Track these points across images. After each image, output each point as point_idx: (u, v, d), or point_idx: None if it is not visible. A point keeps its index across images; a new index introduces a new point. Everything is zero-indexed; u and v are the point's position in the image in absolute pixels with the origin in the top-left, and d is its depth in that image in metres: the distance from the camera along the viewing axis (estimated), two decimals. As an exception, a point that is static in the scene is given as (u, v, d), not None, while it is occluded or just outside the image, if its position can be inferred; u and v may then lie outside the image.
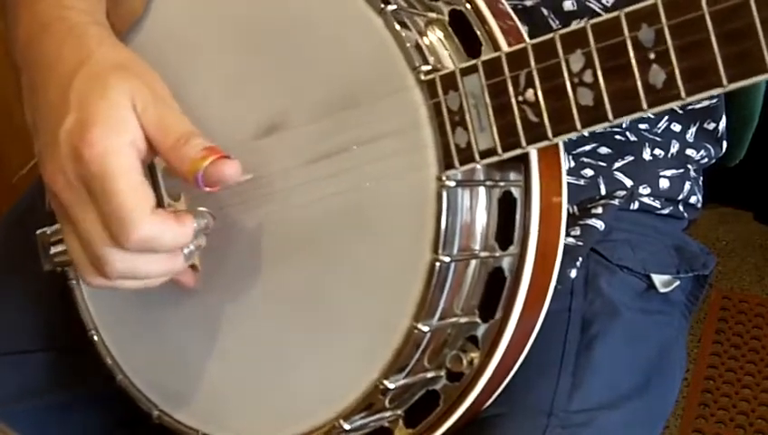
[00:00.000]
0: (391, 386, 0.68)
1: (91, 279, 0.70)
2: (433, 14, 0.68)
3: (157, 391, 0.80)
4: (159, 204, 0.74)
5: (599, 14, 0.59)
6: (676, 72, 0.56)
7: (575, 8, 0.80)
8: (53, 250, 0.81)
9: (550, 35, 0.60)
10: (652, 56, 0.56)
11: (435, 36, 0.68)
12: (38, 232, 0.82)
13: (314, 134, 0.69)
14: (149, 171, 0.72)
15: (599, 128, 0.59)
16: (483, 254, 0.67)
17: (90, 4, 0.72)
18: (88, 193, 0.66)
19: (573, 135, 0.60)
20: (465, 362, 0.69)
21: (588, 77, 0.59)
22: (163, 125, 0.67)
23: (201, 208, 0.70)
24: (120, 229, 0.65)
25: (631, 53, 0.57)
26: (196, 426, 0.78)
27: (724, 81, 0.55)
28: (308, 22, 0.69)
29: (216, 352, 0.76)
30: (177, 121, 0.68)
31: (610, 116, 0.58)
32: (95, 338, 0.81)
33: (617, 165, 0.86)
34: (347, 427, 0.69)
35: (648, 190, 0.88)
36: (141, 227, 0.65)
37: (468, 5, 0.67)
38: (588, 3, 0.80)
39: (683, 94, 0.56)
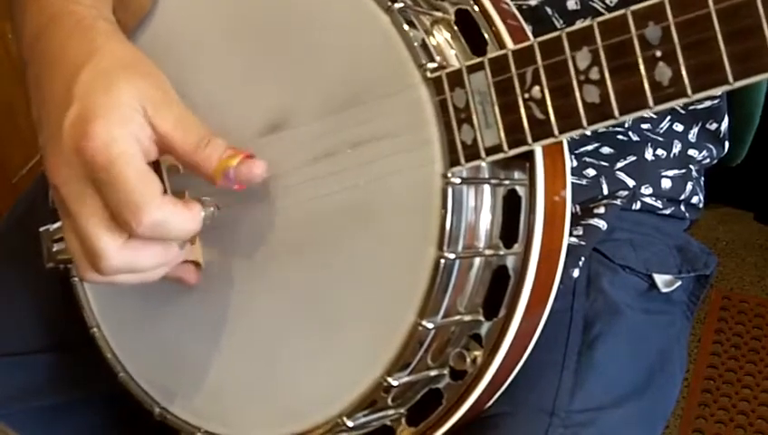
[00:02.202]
0: (395, 383, 0.68)
1: (88, 275, 0.69)
2: (439, 14, 0.68)
3: (158, 389, 0.80)
4: None
5: (602, 14, 0.59)
6: (683, 69, 0.56)
7: (578, 7, 0.80)
8: (56, 247, 0.80)
9: (557, 33, 0.60)
10: (659, 54, 0.56)
11: (441, 35, 0.68)
12: (41, 229, 0.81)
13: (319, 131, 0.69)
14: (154, 168, 0.72)
15: (604, 125, 0.60)
16: (487, 252, 0.67)
17: (97, 0, 0.72)
18: (93, 186, 0.66)
19: (579, 132, 0.61)
20: (468, 360, 0.69)
21: (594, 74, 0.59)
22: (180, 128, 0.67)
23: (206, 198, 0.70)
24: (131, 214, 0.65)
25: (638, 51, 0.57)
26: (198, 424, 0.78)
27: (731, 78, 0.55)
28: (314, 19, 0.70)
29: (218, 349, 0.76)
30: (193, 123, 0.68)
31: (616, 113, 0.59)
32: (96, 335, 0.81)
33: (619, 165, 0.86)
34: (350, 424, 0.69)
35: (650, 190, 0.88)
36: (153, 211, 0.65)
37: (474, 5, 0.67)
38: (591, 2, 0.80)
39: (689, 91, 0.56)
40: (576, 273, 0.83)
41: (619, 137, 0.87)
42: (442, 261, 0.65)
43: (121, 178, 0.65)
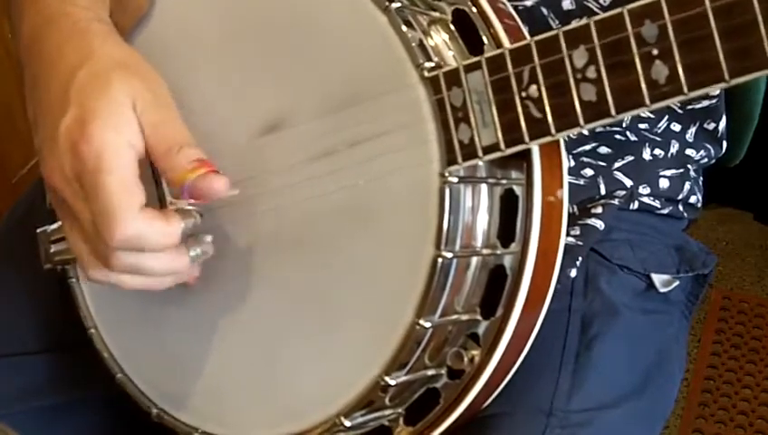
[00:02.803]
0: (392, 382, 0.68)
1: (93, 273, 0.69)
2: (436, 14, 0.68)
3: (156, 390, 0.80)
4: (162, 202, 0.74)
5: (597, 14, 0.59)
6: (679, 67, 0.56)
7: (573, 7, 0.80)
8: (54, 248, 0.81)
9: (553, 32, 0.60)
10: (655, 52, 0.57)
11: (438, 35, 0.68)
12: (38, 230, 0.82)
13: (317, 131, 0.69)
14: (152, 169, 0.72)
15: (601, 123, 0.60)
16: (484, 251, 0.67)
17: (93, 2, 0.72)
18: (80, 188, 0.66)
19: (576, 130, 0.61)
20: (465, 359, 0.69)
21: (591, 73, 0.59)
22: (159, 131, 0.67)
23: (187, 207, 0.69)
24: (105, 226, 0.65)
25: (634, 49, 0.57)
26: (196, 424, 0.78)
27: (727, 75, 0.55)
28: (312, 19, 0.70)
29: (216, 349, 0.76)
30: (174, 128, 0.68)
31: (613, 111, 0.59)
32: (94, 336, 0.81)
33: (617, 165, 0.86)
34: (347, 424, 0.69)
35: (647, 190, 0.88)
36: (126, 226, 0.65)
37: (471, 5, 0.68)
38: (586, 2, 0.80)
39: (685, 89, 0.56)
40: (574, 273, 0.83)
41: (617, 137, 0.87)
42: (439, 260, 0.65)
43: (101, 188, 0.65)
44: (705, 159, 0.92)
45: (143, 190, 0.67)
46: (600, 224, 0.84)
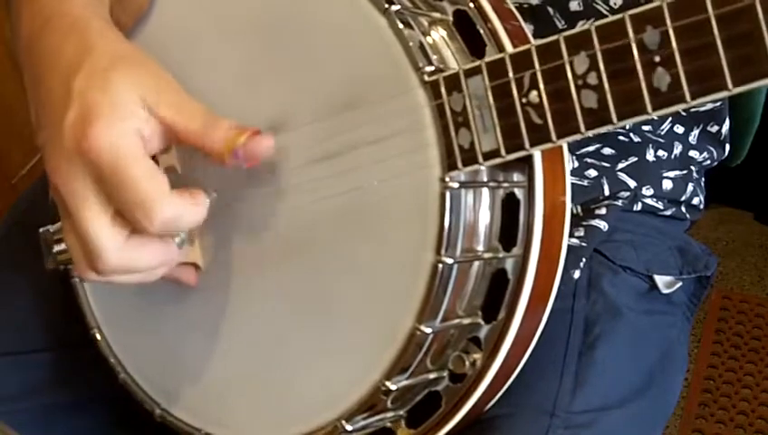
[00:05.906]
0: (393, 387, 0.67)
1: (85, 273, 0.69)
2: (437, 15, 0.68)
3: (159, 390, 0.80)
4: None
5: (605, 16, 0.59)
6: (681, 74, 0.55)
7: (581, 9, 0.80)
8: (56, 248, 0.80)
9: (554, 37, 0.59)
10: (657, 59, 0.56)
11: (439, 37, 0.67)
12: (41, 230, 0.81)
13: (317, 134, 0.69)
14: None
15: (602, 130, 0.59)
16: (486, 255, 0.67)
17: (91, 1, 0.72)
18: (97, 185, 0.66)
19: (577, 137, 0.60)
20: (467, 363, 0.69)
21: (592, 79, 0.58)
22: (186, 109, 0.68)
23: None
24: (144, 214, 0.65)
25: (636, 56, 0.56)
26: (198, 425, 0.78)
27: (729, 84, 0.54)
28: (312, 21, 0.69)
29: (218, 351, 0.76)
30: (197, 104, 0.68)
31: (614, 118, 0.58)
32: (97, 337, 0.81)
33: (620, 166, 0.86)
34: (349, 428, 0.69)
35: (651, 191, 0.88)
36: (165, 209, 0.66)
37: (473, 5, 0.67)
38: (594, 4, 0.79)
39: (688, 97, 0.55)
40: (577, 274, 0.83)
41: (621, 138, 0.87)
42: (440, 266, 0.65)
43: (129, 179, 0.65)
44: (708, 161, 0.91)
45: (163, 173, 0.67)
46: (603, 225, 0.84)
